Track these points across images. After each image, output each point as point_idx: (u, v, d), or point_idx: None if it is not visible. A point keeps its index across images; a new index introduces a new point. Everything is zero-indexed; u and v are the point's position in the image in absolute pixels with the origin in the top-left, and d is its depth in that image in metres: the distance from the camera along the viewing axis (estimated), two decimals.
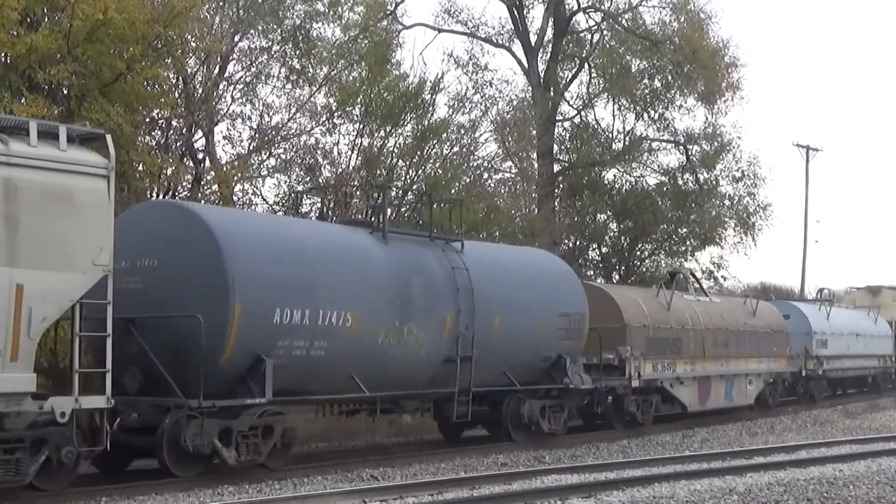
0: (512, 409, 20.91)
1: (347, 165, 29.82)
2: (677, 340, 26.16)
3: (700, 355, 26.96)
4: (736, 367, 28.82)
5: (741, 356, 29.09)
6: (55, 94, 21.66)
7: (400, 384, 18.67)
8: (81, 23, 20.52)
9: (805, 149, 56.33)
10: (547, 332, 21.41)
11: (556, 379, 21.65)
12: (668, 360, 25.55)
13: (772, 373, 31.08)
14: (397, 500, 13.55)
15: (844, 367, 37.09)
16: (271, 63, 28.91)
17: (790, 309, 35.12)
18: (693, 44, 39.47)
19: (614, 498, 13.74)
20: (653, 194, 42.28)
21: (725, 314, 29.00)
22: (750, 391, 29.62)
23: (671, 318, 26.14)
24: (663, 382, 25.52)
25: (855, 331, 37.91)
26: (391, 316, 18.11)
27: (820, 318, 35.85)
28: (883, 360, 40.98)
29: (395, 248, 18.95)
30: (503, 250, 24.32)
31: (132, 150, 22.30)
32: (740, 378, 29.10)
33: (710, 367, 27.41)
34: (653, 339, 25.11)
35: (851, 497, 14.03)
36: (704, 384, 27.27)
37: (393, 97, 29.65)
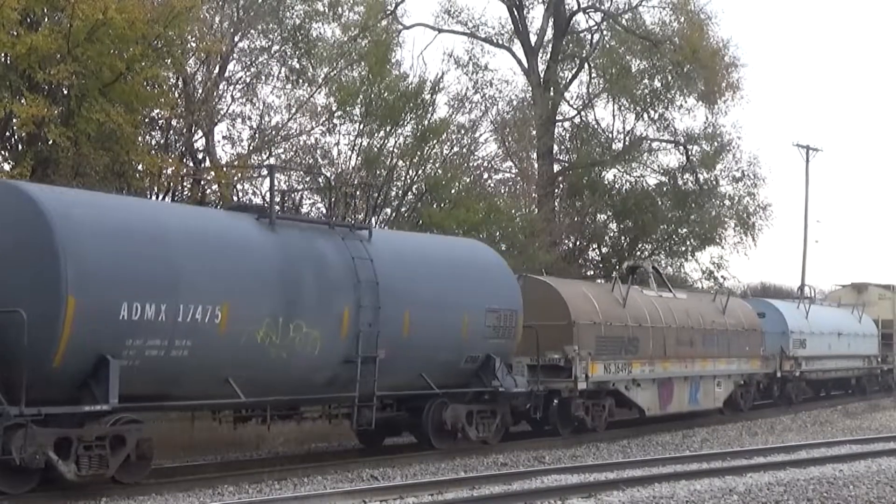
0: (433, 415, 19.14)
1: (347, 165, 29.83)
2: (634, 339, 24.24)
3: (660, 355, 24.98)
4: (702, 368, 26.83)
5: (708, 356, 27.14)
6: (55, 94, 21.67)
7: (290, 388, 16.74)
8: (81, 23, 20.52)
9: (805, 149, 56.29)
10: (473, 329, 19.54)
11: (485, 381, 19.90)
12: (622, 360, 23.68)
13: (743, 374, 29.18)
14: (397, 500, 13.55)
15: (825, 368, 35.34)
16: (271, 63, 28.95)
17: (765, 307, 33.27)
18: (693, 44, 39.48)
19: (614, 498, 13.74)
20: (653, 194, 42.30)
21: (691, 311, 27.07)
22: (718, 394, 27.79)
23: (627, 316, 24.28)
24: (617, 385, 23.56)
25: (837, 330, 36.08)
26: (273, 311, 16.02)
27: (798, 317, 34.05)
28: (868, 361, 38.94)
29: (284, 235, 16.88)
30: (423, 239, 22.26)
31: (132, 150, 22.31)
32: (707, 380, 27.15)
33: (671, 368, 25.43)
34: (605, 338, 23.25)
35: (851, 497, 14.03)
36: (665, 386, 25.29)
37: (393, 97, 29.66)
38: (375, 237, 18.59)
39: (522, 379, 20.88)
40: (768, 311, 32.69)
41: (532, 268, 27.57)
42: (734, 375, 28.63)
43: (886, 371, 40.39)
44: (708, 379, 27.22)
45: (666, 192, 42.57)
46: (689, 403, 26.49)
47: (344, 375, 17.34)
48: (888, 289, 42.52)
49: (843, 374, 36.98)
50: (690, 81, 40.69)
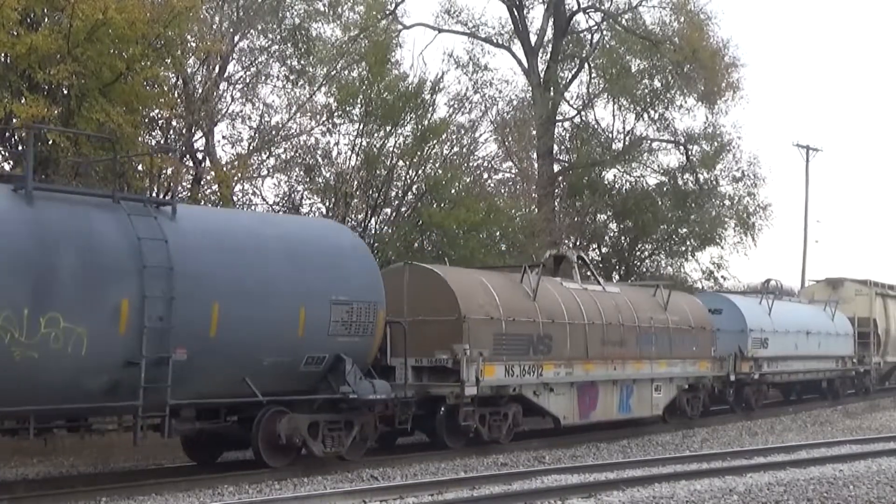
0: (265, 427, 16.28)
1: (347, 165, 29.83)
2: (545, 337, 21.45)
3: (581, 356, 22.29)
4: (636, 370, 24.06)
5: (644, 358, 24.36)
6: (55, 94, 21.66)
7: (52, 396, 13.85)
8: (81, 23, 20.51)
9: (805, 149, 56.35)
10: (313, 325, 16.57)
11: (334, 387, 17.05)
12: (531, 361, 20.89)
13: (689, 378, 26.29)
14: (397, 500, 13.56)
15: (791, 369, 32.59)
16: (271, 63, 28.95)
17: (722, 302, 30.60)
18: (693, 44, 39.48)
19: (614, 498, 13.74)
20: (653, 194, 42.30)
21: (623, 307, 24.25)
22: (657, 400, 24.99)
23: (537, 310, 21.39)
24: (523, 390, 20.81)
25: (805, 328, 33.31)
26: (14, 302, 13.26)
27: (759, 314, 31.07)
28: (842, 362, 36.09)
29: (43, 209, 14.10)
30: (254, 218, 19.18)
31: (132, 150, 22.31)
32: (643, 384, 24.37)
33: (595, 371, 22.70)
34: (507, 336, 20.49)
35: (851, 497, 14.03)
36: (587, 392, 22.59)
37: (393, 97, 29.66)
38: (183, 214, 15.73)
39: (384, 384, 17.69)
40: (725, 307, 30.14)
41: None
42: (677, 379, 25.81)
43: (863, 373, 37.87)
44: (644, 383, 24.45)
45: (666, 192, 42.58)
46: (620, 411, 23.73)
47: (129, 381, 14.39)
48: (865, 284, 39.90)
49: (813, 376, 34.42)
50: (690, 81, 40.70)
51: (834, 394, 35.75)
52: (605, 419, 23.41)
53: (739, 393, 29.71)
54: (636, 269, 42.34)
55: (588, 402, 22.71)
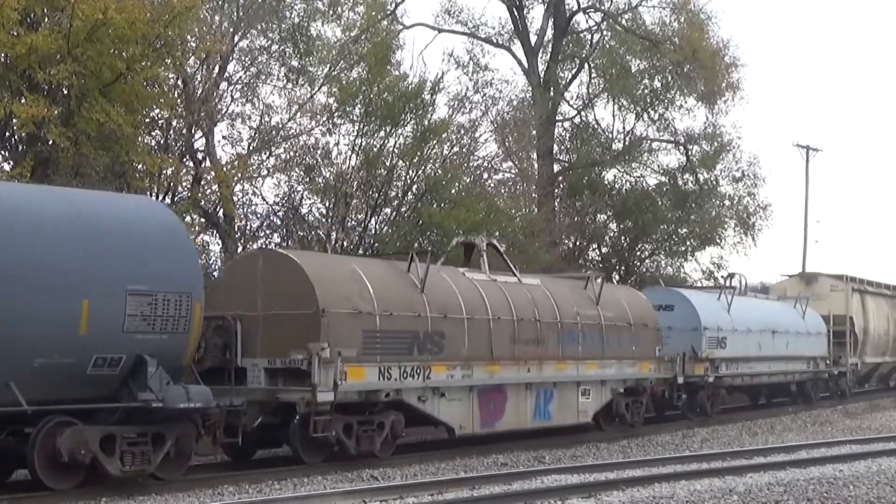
0: (44, 442, 13.73)
1: (347, 165, 29.85)
2: (435, 335, 18.86)
3: (484, 356, 19.81)
4: (556, 372, 21.60)
5: (568, 358, 21.93)
6: (55, 94, 21.68)
7: None
8: (81, 23, 20.54)
9: (805, 149, 56.31)
10: (101, 320, 14.03)
11: (135, 393, 14.52)
12: (415, 362, 18.36)
13: (625, 380, 23.75)
14: (397, 500, 13.55)
15: (753, 372, 29.86)
16: (271, 63, 28.97)
17: (673, 297, 27.99)
18: (693, 44, 39.50)
19: (614, 498, 13.74)
20: (653, 194, 42.30)
21: (542, 301, 21.64)
22: (585, 405, 22.53)
23: (426, 304, 18.77)
24: (404, 395, 18.27)
25: (771, 326, 30.67)
26: None
27: (715, 310, 28.43)
28: (814, 363, 33.52)
29: None
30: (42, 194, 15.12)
31: (132, 150, 22.33)
32: (566, 388, 21.97)
33: (502, 373, 20.25)
34: (382, 333, 17.88)
35: (851, 497, 14.02)
36: (491, 397, 20.14)
37: (393, 97, 29.67)
38: None
39: (203, 389, 15.13)
40: (677, 303, 27.59)
41: (532, 268, 27.43)
42: (611, 382, 23.30)
43: (838, 374, 35.49)
44: (567, 387, 22.04)
45: (666, 192, 42.59)
46: (536, 418, 21.26)
47: None
48: (841, 279, 37.37)
49: (780, 379, 31.84)
50: (690, 81, 40.71)
51: (805, 397, 33.42)
52: (516, 428, 20.78)
53: (693, 397, 27.16)
54: (636, 269, 42.36)
55: (493, 408, 20.17)
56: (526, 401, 21.03)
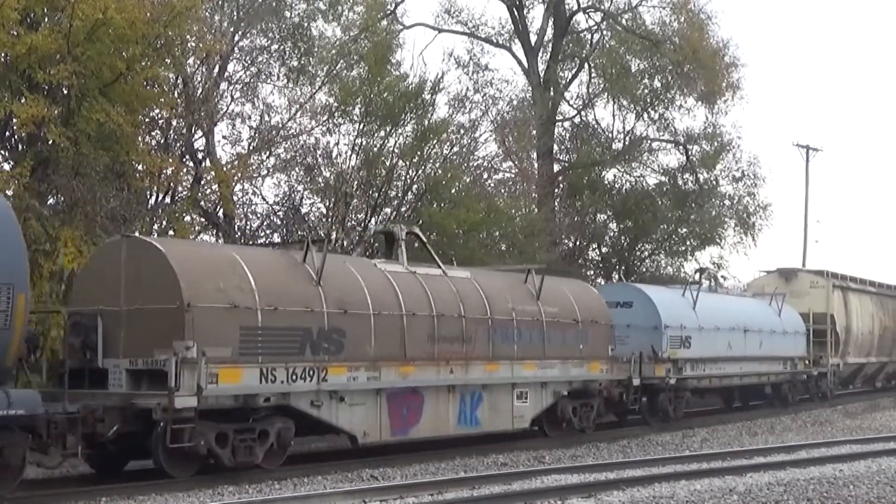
0: None
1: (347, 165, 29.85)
2: (334, 332, 17.03)
3: (395, 356, 18.11)
4: (487, 373, 19.96)
5: (501, 357, 20.33)
6: (55, 94, 21.68)
7: None
8: (81, 23, 20.54)
9: (805, 149, 56.33)
10: None
11: None
12: (306, 363, 16.55)
13: (570, 382, 22.09)
14: (397, 500, 13.56)
15: (722, 373, 28.03)
16: (271, 62, 28.98)
17: (632, 293, 26.37)
18: (693, 44, 39.53)
19: (614, 498, 13.74)
20: (653, 194, 42.33)
21: (469, 296, 19.99)
22: (521, 409, 20.85)
23: (321, 298, 17.00)
24: (292, 399, 16.43)
25: (743, 325, 29.00)
26: None
27: (680, 308, 26.69)
28: (791, 364, 31.84)
29: None
30: None
31: (132, 150, 22.33)
32: (498, 390, 20.30)
33: (419, 375, 18.52)
34: (265, 330, 16.10)
35: (851, 497, 14.03)
36: (406, 401, 18.41)
37: (393, 97, 29.68)
38: None
39: (29, 394, 13.44)
40: (636, 300, 25.99)
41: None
42: (553, 384, 21.63)
43: (819, 376, 33.81)
44: (500, 389, 20.39)
45: (666, 192, 42.62)
46: (462, 424, 19.56)
47: None
48: (822, 275, 35.85)
49: (753, 380, 30.02)
50: (690, 81, 40.74)
51: (782, 400, 31.77)
52: (436, 435, 19.09)
53: (654, 400, 25.54)
54: (636, 269, 42.37)
55: (406, 414, 18.43)
56: (448, 405, 19.26)
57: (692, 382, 26.88)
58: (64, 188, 21.36)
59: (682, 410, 26.70)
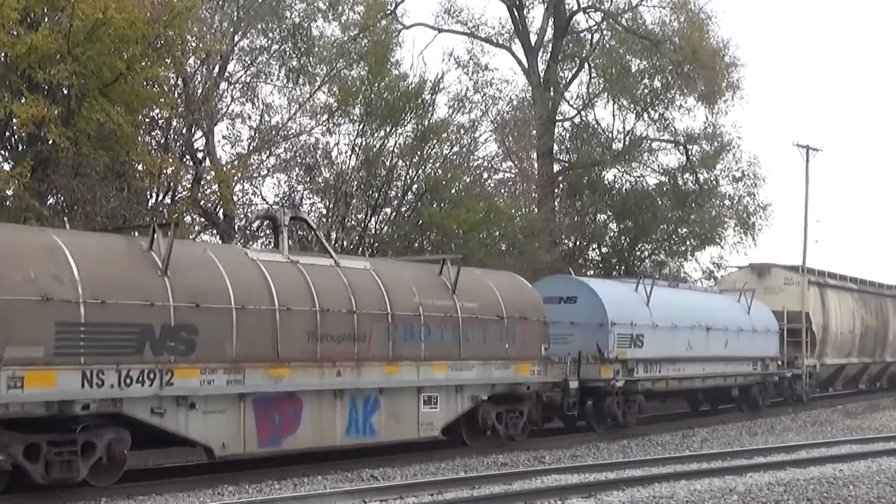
0: None
1: (347, 165, 29.86)
2: (180, 329, 14.92)
3: (266, 356, 15.96)
4: (385, 376, 17.81)
5: (404, 358, 18.14)
6: (55, 94, 21.69)
7: None
8: (81, 23, 20.55)
9: (805, 149, 56.27)
10: None
11: None
12: (146, 364, 14.44)
13: (492, 385, 19.86)
14: (397, 500, 13.56)
15: (682, 374, 25.89)
16: (271, 62, 28.99)
17: (576, 288, 24.14)
18: (693, 44, 39.55)
19: (614, 498, 13.74)
20: (653, 194, 42.35)
21: (364, 288, 17.78)
22: (430, 415, 18.69)
23: (167, 289, 14.86)
24: (126, 406, 14.31)
25: (705, 322, 26.74)
26: None
27: (630, 303, 24.56)
28: (762, 365, 29.71)
29: None
30: None
31: (132, 150, 22.33)
32: (400, 395, 18.16)
33: (296, 378, 16.34)
34: (89, 326, 13.97)
35: (851, 497, 14.02)
36: (280, 407, 16.25)
37: (393, 97, 29.69)
38: None
39: None
40: (581, 295, 23.79)
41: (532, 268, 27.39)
42: (471, 387, 19.48)
43: (794, 378, 31.92)
44: (402, 394, 18.24)
45: (666, 192, 42.63)
46: (352, 433, 17.37)
47: None
48: (797, 271, 34.05)
49: (717, 382, 27.79)
50: (690, 81, 40.76)
51: (752, 403, 29.71)
52: (318, 445, 16.98)
53: (600, 405, 23.40)
54: (636, 268, 42.40)
55: (280, 422, 16.30)
56: (334, 412, 17.09)
57: (645, 385, 24.63)
58: (64, 188, 21.39)
59: (635, 416, 24.46)
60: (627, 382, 23.80)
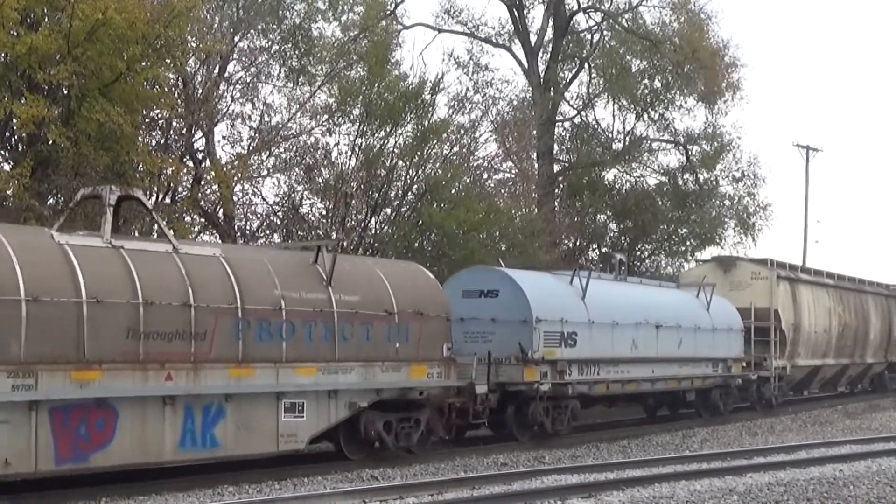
0: None
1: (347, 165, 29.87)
2: None
3: (67, 357, 13.78)
4: (233, 380, 15.51)
5: (260, 360, 15.88)
6: (55, 94, 21.70)
7: None
8: (81, 23, 20.55)
9: (805, 149, 56.37)
10: None
11: None
12: None
13: (377, 390, 17.55)
14: (397, 500, 13.57)
15: (626, 377, 23.54)
16: (271, 63, 28.99)
17: (498, 280, 21.67)
18: (693, 44, 39.53)
19: (614, 498, 13.75)
20: (653, 194, 42.32)
21: (207, 279, 15.51)
22: (293, 425, 16.31)
23: None
24: None
25: (655, 320, 24.46)
26: None
27: (560, 297, 22.14)
28: (724, 367, 27.34)
29: None
30: None
31: (132, 150, 22.34)
32: (254, 402, 15.82)
33: (109, 383, 14.09)
34: None
35: (851, 497, 14.04)
36: (87, 417, 13.96)
37: (393, 97, 29.69)
38: None
39: None
40: (503, 288, 21.41)
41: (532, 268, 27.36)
42: (349, 393, 17.12)
43: (762, 380, 29.65)
44: (258, 400, 15.88)
45: (666, 192, 42.62)
46: (188, 446, 15.05)
47: None
48: (765, 265, 31.32)
49: (669, 385, 25.36)
50: (690, 81, 40.73)
51: (712, 409, 27.37)
52: (141, 461, 14.70)
53: (523, 412, 21.01)
54: (636, 268, 42.39)
55: (88, 434, 14.01)
56: (163, 422, 14.76)
57: (579, 389, 22.08)
58: (64, 188, 21.38)
59: (568, 423, 22.09)
60: (556, 386, 21.41)
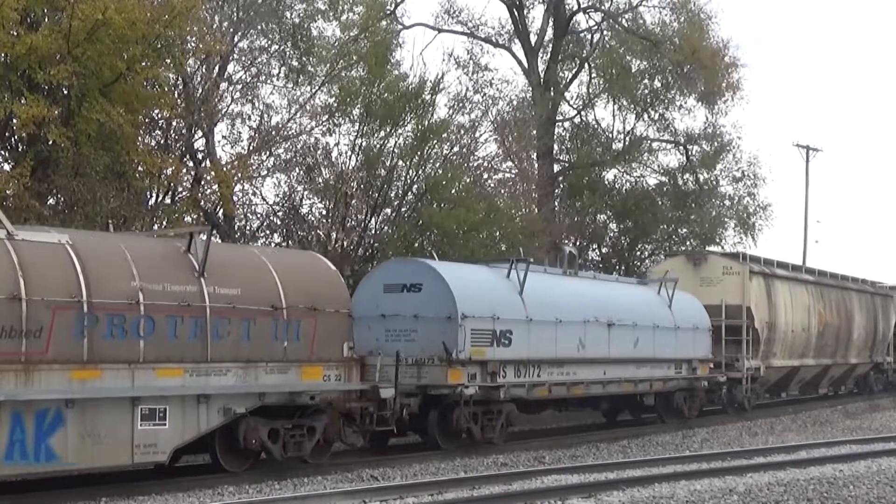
0: None
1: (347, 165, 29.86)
2: None
3: None
4: (79, 384, 13.73)
5: (110, 361, 14.11)
6: (55, 94, 21.69)
7: None
8: (81, 23, 20.55)
9: (805, 149, 56.35)
10: None
11: None
12: None
13: (260, 394, 15.79)
14: (397, 500, 13.57)
15: (571, 379, 21.69)
16: (271, 63, 28.99)
17: (422, 273, 19.88)
18: (693, 44, 39.53)
19: (614, 498, 13.75)
20: (653, 194, 42.32)
21: (50, 268, 13.86)
22: (151, 435, 14.48)
23: None
24: None
25: (606, 317, 22.71)
26: None
27: (493, 292, 20.35)
28: (688, 368, 25.50)
29: None
30: None
31: (132, 150, 22.34)
32: (103, 408, 13.99)
33: None
34: None
35: (851, 497, 14.04)
36: None
37: (393, 97, 29.69)
38: None
39: None
40: (427, 282, 19.67)
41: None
42: (223, 398, 15.35)
43: (733, 382, 27.91)
44: (108, 406, 14.01)
45: (666, 193, 42.62)
46: (15, 459, 13.16)
47: None
48: (736, 259, 29.56)
49: (623, 388, 23.45)
50: (690, 81, 40.71)
51: (675, 413, 25.58)
52: None
53: (448, 418, 19.27)
54: (636, 269, 42.40)
55: None
56: None
57: (515, 392, 20.28)
58: (64, 188, 21.38)
59: (502, 430, 20.37)
60: (486, 389, 19.63)
